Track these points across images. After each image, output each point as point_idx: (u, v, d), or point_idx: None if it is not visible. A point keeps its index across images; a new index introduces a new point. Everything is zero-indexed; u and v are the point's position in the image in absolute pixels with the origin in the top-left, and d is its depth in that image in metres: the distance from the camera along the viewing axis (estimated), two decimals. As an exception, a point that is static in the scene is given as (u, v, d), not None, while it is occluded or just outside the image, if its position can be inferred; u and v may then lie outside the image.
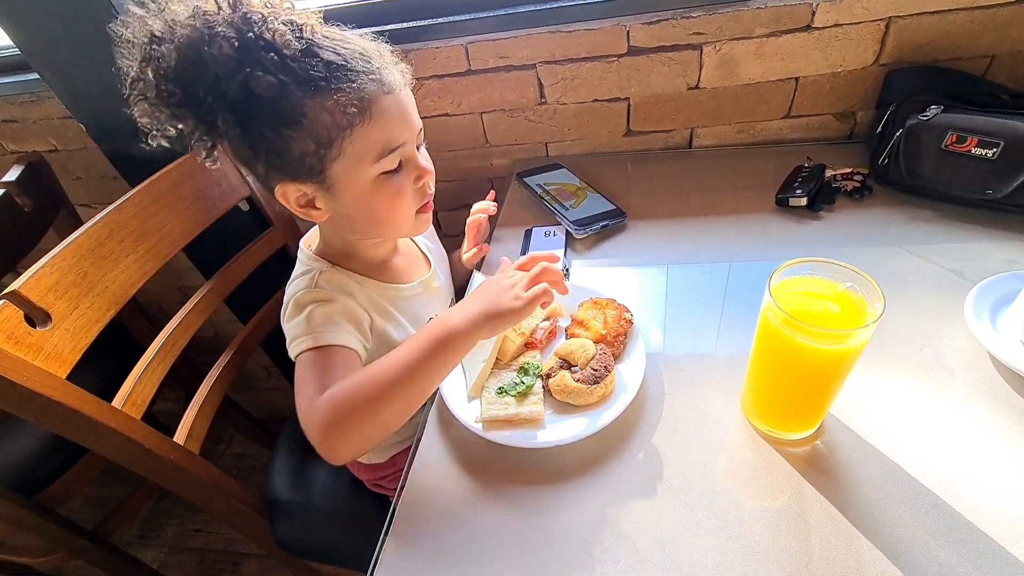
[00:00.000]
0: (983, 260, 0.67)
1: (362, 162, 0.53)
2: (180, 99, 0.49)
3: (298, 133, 0.50)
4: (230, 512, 0.85)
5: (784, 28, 0.83)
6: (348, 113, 0.50)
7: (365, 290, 0.65)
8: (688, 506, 0.50)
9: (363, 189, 0.55)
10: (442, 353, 0.51)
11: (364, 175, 0.55)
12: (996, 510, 0.46)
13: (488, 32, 0.88)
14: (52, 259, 0.66)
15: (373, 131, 0.52)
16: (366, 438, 0.51)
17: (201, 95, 0.48)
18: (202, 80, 0.48)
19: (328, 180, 0.54)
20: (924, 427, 0.53)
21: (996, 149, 0.70)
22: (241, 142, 0.52)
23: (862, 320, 0.43)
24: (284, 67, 0.48)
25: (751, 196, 0.85)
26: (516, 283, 0.54)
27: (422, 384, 0.51)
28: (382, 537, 0.52)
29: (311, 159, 0.52)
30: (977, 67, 0.84)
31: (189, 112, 0.50)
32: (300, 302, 0.60)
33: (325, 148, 0.51)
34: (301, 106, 0.49)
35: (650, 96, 0.93)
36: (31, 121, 1.07)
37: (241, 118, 0.49)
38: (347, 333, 0.59)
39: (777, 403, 0.52)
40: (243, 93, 0.47)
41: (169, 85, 0.48)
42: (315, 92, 0.49)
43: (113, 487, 1.60)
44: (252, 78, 0.47)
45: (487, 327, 0.52)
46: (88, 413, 0.64)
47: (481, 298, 0.54)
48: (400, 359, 0.51)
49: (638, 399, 0.57)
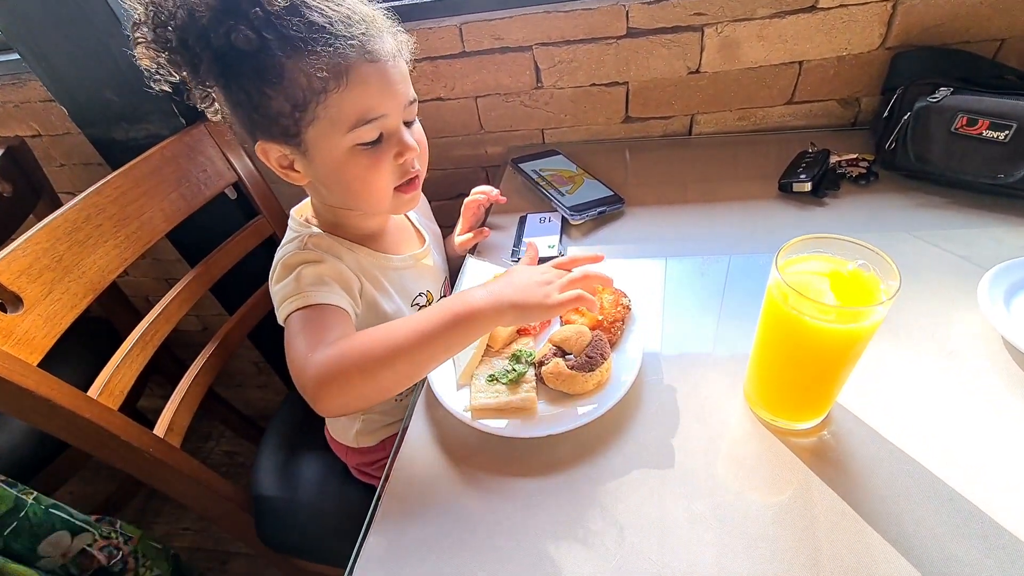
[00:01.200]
0: (995, 246, 0.65)
1: (336, 129, 0.52)
2: (174, 45, 0.49)
3: (275, 92, 0.49)
4: (213, 508, 0.82)
5: (788, 9, 0.81)
6: (321, 77, 0.48)
7: (355, 256, 0.63)
8: (688, 499, 0.47)
9: (337, 157, 0.54)
10: (458, 330, 0.48)
11: (338, 143, 0.53)
12: (1012, 501, 0.43)
13: (482, 12, 0.85)
14: (25, 242, 0.64)
15: (348, 98, 0.50)
16: (360, 397, 0.49)
17: (190, 43, 0.48)
18: (192, 28, 0.47)
19: (304, 144, 0.53)
20: (937, 417, 0.50)
21: (1008, 132, 0.67)
22: (225, 94, 0.52)
23: (876, 298, 0.40)
24: (267, 23, 0.47)
25: (752, 184, 0.82)
26: (552, 281, 0.52)
27: (429, 356, 0.49)
28: (365, 526, 0.49)
29: (287, 120, 0.51)
30: (986, 51, 0.82)
31: (182, 59, 0.50)
32: (288, 264, 0.58)
33: (300, 111, 0.50)
34: (279, 65, 0.48)
35: (649, 80, 0.91)
36: (12, 104, 1.04)
37: (224, 70, 0.49)
38: (337, 295, 0.57)
39: (782, 390, 0.50)
40: (226, 45, 0.47)
41: (167, 32, 0.48)
42: (293, 52, 0.47)
43: (100, 484, 1.57)
44: (234, 30, 0.46)
45: (510, 316, 0.50)
46: (61, 403, 0.61)
47: (511, 286, 0.51)
48: (413, 326, 0.49)
49: (635, 387, 0.55)
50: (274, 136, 0.53)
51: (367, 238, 0.66)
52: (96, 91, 0.89)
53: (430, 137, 0.62)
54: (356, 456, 0.82)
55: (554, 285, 0.51)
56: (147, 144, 0.82)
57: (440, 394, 0.56)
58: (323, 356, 0.48)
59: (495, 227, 0.84)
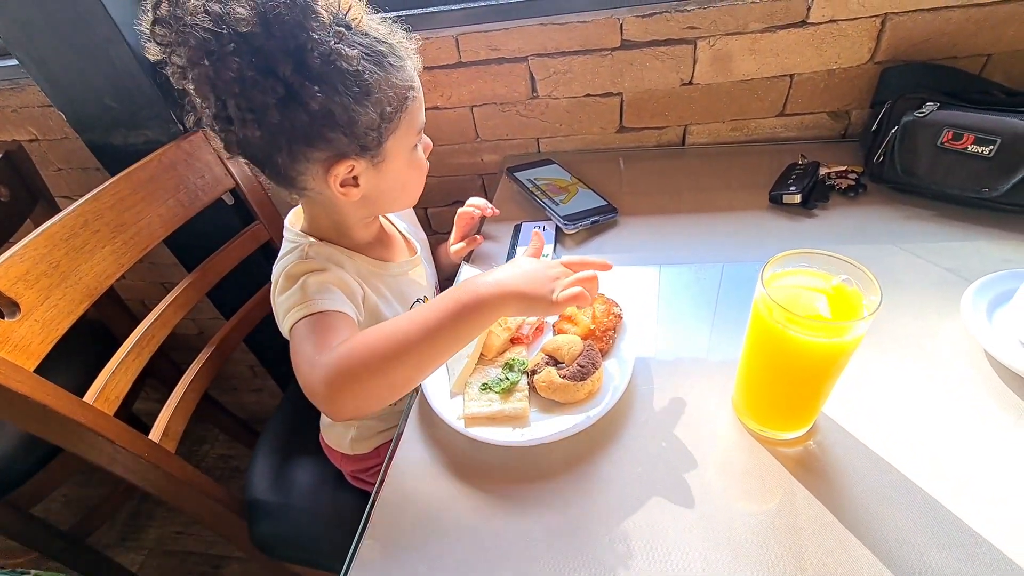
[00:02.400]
0: (979, 259, 0.66)
1: (410, 134, 0.58)
2: (232, 80, 0.46)
3: (364, 106, 0.52)
4: (207, 513, 0.82)
5: (779, 23, 0.82)
6: (407, 88, 0.55)
7: (355, 263, 0.65)
8: (676, 506, 0.48)
9: (404, 161, 0.60)
10: (465, 319, 0.48)
11: (408, 146, 0.59)
12: (995, 513, 0.44)
13: (479, 23, 0.86)
14: (23, 248, 0.64)
15: (416, 107, 0.57)
16: (372, 396, 0.48)
17: (278, 67, 0.47)
18: (281, 51, 0.47)
19: (382, 153, 0.57)
20: (920, 428, 0.51)
21: (992, 147, 0.69)
22: (297, 119, 0.50)
23: (858, 313, 0.41)
24: (350, 43, 0.50)
25: (744, 194, 0.83)
26: (559, 276, 0.52)
27: (440, 348, 0.49)
28: (358, 533, 0.50)
29: (374, 132, 0.54)
30: (973, 66, 0.83)
31: (267, 82, 0.47)
32: (292, 273, 0.58)
33: (387, 121, 0.54)
34: (368, 81, 0.51)
35: (643, 91, 0.92)
36: (11, 109, 1.05)
37: (322, 87, 0.48)
38: (342, 302, 0.58)
39: (769, 401, 0.51)
40: (325, 65, 0.48)
41: (221, 67, 0.46)
42: (379, 67, 0.52)
43: (94, 488, 1.57)
44: (331, 51, 0.48)
45: (515, 306, 0.50)
46: (57, 408, 0.61)
47: (518, 275, 0.51)
48: (421, 319, 0.48)
49: (626, 396, 0.56)
50: (353, 153, 0.54)
51: (363, 247, 0.67)
52: (95, 97, 0.90)
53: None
54: (351, 463, 0.82)
55: (560, 281, 0.51)
56: (145, 150, 0.82)
57: (433, 403, 0.57)
58: (330, 358, 0.48)
59: (490, 236, 0.84)
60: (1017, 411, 0.51)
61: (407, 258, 0.73)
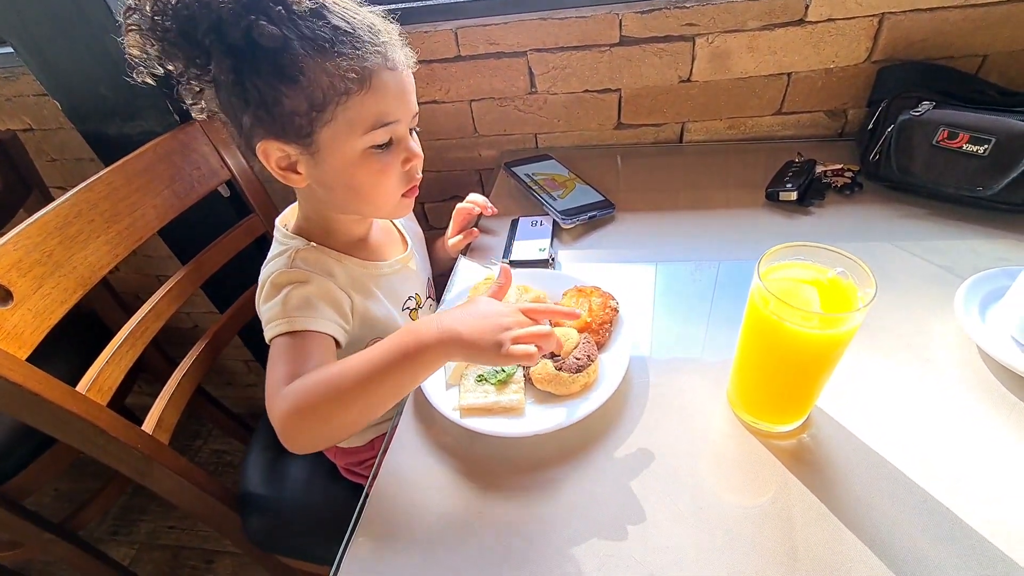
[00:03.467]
0: (973, 257, 0.67)
1: (353, 131, 0.53)
2: (175, 36, 0.48)
3: (293, 90, 0.49)
4: (200, 506, 0.82)
5: (777, 21, 0.82)
6: (348, 79, 0.49)
7: (344, 267, 0.63)
8: (671, 497, 0.48)
9: (349, 159, 0.54)
10: (409, 366, 0.47)
11: (352, 145, 0.54)
12: (986, 507, 0.45)
13: (478, 16, 0.86)
14: (16, 236, 0.64)
15: (369, 101, 0.52)
16: (323, 437, 0.50)
17: (199, 36, 0.47)
18: (203, 20, 0.47)
19: (315, 144, 0.53)
20: (913, 421, 0.51)
21: (987, 146, 0.69)
22: (232, 90, 0.50)
23: (853, 305, 0.42)
24: (291, 22, 0.47)
25: (741, 192, 0.84)
26: (512, 328, 0.48)
27: (386, 393, 0.48)
28: (352, 525, 0.50)
29: (301, 119, 0.51)
30: (969, 66, 0.84)
31: (181, 51, 0.49)
32: (276, 283, 0.58)
33: (318, 110, 0.51)
34: (301, 64, 0.48)
35: (641, 88, 0.92)
36: (5, 98, 1.04)
37: (238, 64, 0.48)
38: (325, 318, 0.57)
39: (764, 394, 0.51)
40: (244, 40, 0.47)
41: (166, 21, 0.47)
42: (317, 52, 0.48)
43: (86, 481, 1.56)
44: (256, 26, 0.46)
45: (459, 354, 0.48)
46: (49, 397, 0.61)
47: (467, 321, 0.48)
48: (364, 366, 0.48)
49: (621, 389, 0.56)
50: (282, 135, 0.53)
51: (355, 245, 0.66)
52: (91, 87, 0.89)
53: (425, 139, 0.63)
54: (344, 456, 0.82)
55: (512, 332, 0.47)
56: (141, 140, 0.82)
57: (429, 393, 0.57)
58: (287, 396, 0.48)
59: (487, 230, 0.84)
60: (1008, 406, 0.51)
61: (399, 256, 0.72)
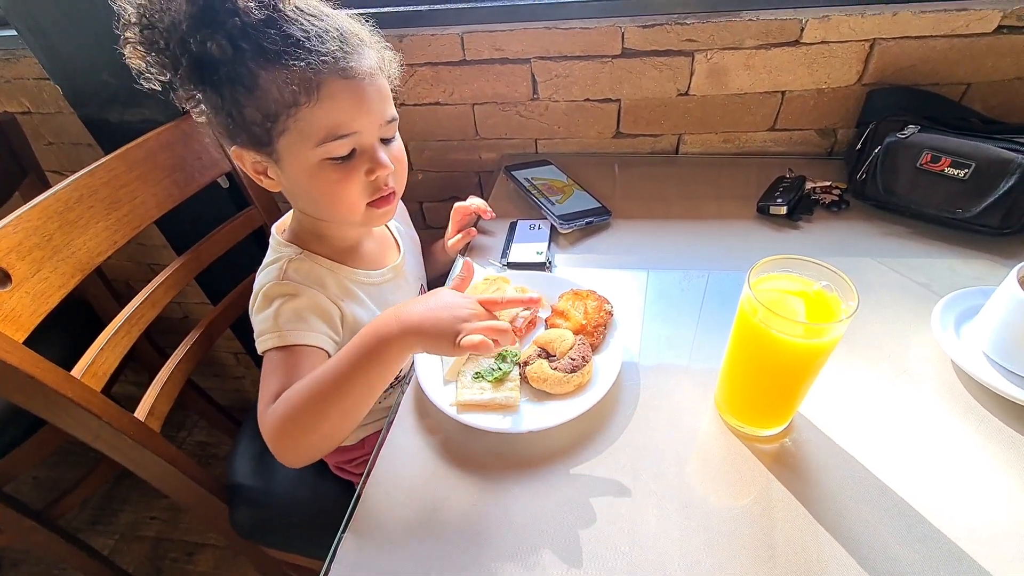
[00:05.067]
0: (950, 275, 0.70)
1: (305, 142, 0.53)
2: (160, 47, 0.49)
3: (248, 100, 0.51)
4: (189, 495, 0.82)
5: (774, 41, 0.85)
6: (291, 90, 0.49)
7: (335, 276, 0.64)
8: (658, 496, 0.50)
9: (306, 169, 0.55)
10: (374, 363, 0.48)
11: (307, 155, 0.54)
12: (954, 511, 0.47)
13: (485, 23, 0.88)
14: (16, 219, 0.64)
15: (319, 113, 0.51)
16: (312, 448, 0.51)
17: (172, 47, 0.49)
18: (174, 33, 0.48)
19: (276, 153, 0.54)
20: (889, 430, 0.54)
21: (967, 170, 0.72)
22: (204, 98, 0.53)
23: (836, 316, 0.44)
24: (244, 34, 0.48)
25: (733, 204, 0.86)
26: (470, 320, 0.49)
27: (356, 397, 0.49)
28: (343, 524, 0.50)
29: (258, 128, 0.52)
30: (954, 93, 0.87)
31: (167, 61, 0.50)
32: (268, 295, 0.60)
33: (271, 121, 0.51)
34: (253, 75, 0.49)
35: (640, 99, 0.95)
36: (4, 80, 1.03)
37: (200, 76, 0.50)
38: (315, 331, 0.59)
39: (750, 398, 0.53)
40: (202, 52, 0.48)
41: (153, 34, 0.49)
42: (267, 63, 0.49)
43: (64, 469, 1.54)
44: (210, 39, 0.48)
45: (418, 345, 0.49)
46: (45, 380, 0.61)
47: (425, 313, 0.49)
48: (333, 372, 0.49)
49: (614, 390, 0.57)
50: (247, 143, 0.54)
51: (347, 252, 0.67)
52: (94, 72, 0.89)
53: (427, 140, 0.62)
54: (335, 454, 0.82)
55: (471, 324, 0.48)
56: (141, 128, 0.82)
57: (426, 389, 0.58)
58: (273, 412, 0.51)
59: (486, 232, 0.86)
60: (978, 417, 0.54)
61: (392, 263, 0.72)
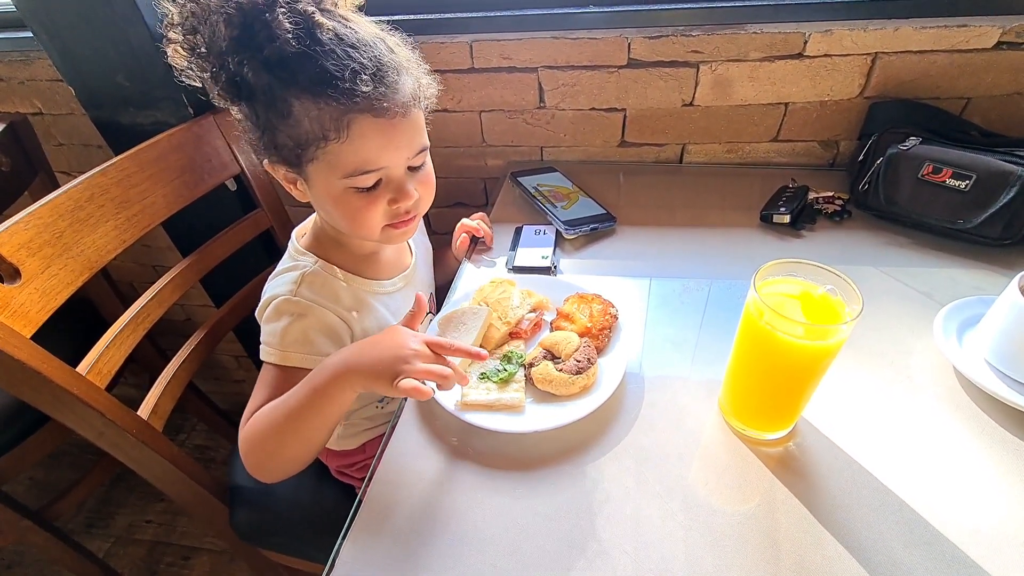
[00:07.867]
0: (951, 285, 0.70)
1: (333, 172, 0.54)
2: (202, 52, 0.51)
3: (282, 126, 0.52)
4: (189, 495, 0.82)
5: (778, 54, 0.87)
6: (324, 127, 0.50)
7: (350, 289, 0.65)
8: (662, 498, 0.50)
9: (332, 194, 0.56)
10: (323, 402, 0.51)
11: (334, 183, 0.55)
12: (957, 515, 0.47)
13: (493, 32, 0.90)
14: (27, 216, 0.65)
15: (348, 149, 0.52)
16: (276, 469, 0.55)
17: (212, 58, 0.51)
18: (213, 47, 0.50)
19: (304, 173, 0.56)
20: (892, 435, 0.54)
21: (969, 182, 0.73)
22: (240, 111, 0.55)
23: (841, 319, 0.44)
24: (280, 62, 0.49)
25: (736, 213, 0.87)
26: (412, 361, 0.49)
27: (312, 430, 0.53)
28: (345, 528, 0.50)
29: (289, 152, 0.54)
30: (954, 107, 0.89)
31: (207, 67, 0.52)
32: (279, 309, 0.60)
33: (301, 148, 0.53)
34: (288, 104, 0.50)
35: (646, 109, 0.96)
36: (18, 81, 1.05)
37: (239, 93, 0.52)
38: (317, 354, 0.59)
39: (754, 401, 0.53)
40: (239, 73, 0.50)
41: (195, 38, 0.51)
42: (301, 93, 0.50)
43: (61, 471, 1.53)
44: (246, 63, 0.49)
45: (360, 384, 0.51)
46: (51, 377, 0.61)
47: (371, 352, 0.51)
48: (288, 405, 0.52)
49: (618, 393, 0.58)
50: (280, 160, 0.56)
51: (363, 260, 0.68)
52: (108, 75, 0.90)
53: (434, 146, 0.61)
54: (337, 458, 0.82)
55: (410, 366, 0.48)
56: (152, 131, 0.83)
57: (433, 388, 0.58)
58: (247, 428, 0.55)
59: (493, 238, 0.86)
60: (980, 423, 0.54)
61: (405, 271, 0.73)
